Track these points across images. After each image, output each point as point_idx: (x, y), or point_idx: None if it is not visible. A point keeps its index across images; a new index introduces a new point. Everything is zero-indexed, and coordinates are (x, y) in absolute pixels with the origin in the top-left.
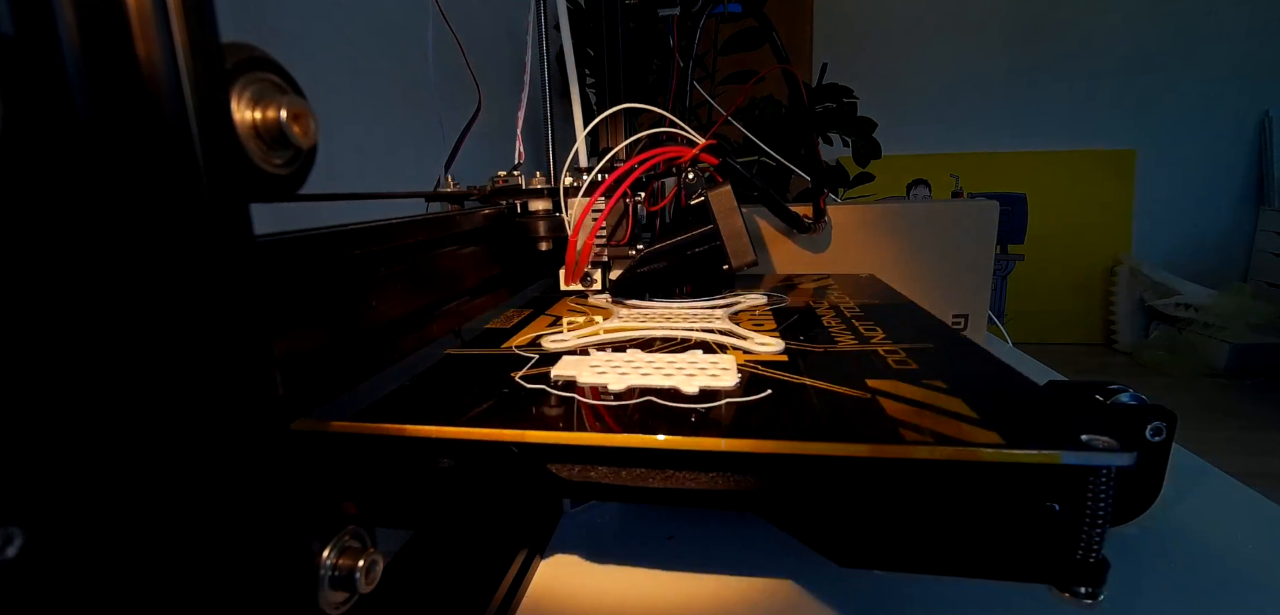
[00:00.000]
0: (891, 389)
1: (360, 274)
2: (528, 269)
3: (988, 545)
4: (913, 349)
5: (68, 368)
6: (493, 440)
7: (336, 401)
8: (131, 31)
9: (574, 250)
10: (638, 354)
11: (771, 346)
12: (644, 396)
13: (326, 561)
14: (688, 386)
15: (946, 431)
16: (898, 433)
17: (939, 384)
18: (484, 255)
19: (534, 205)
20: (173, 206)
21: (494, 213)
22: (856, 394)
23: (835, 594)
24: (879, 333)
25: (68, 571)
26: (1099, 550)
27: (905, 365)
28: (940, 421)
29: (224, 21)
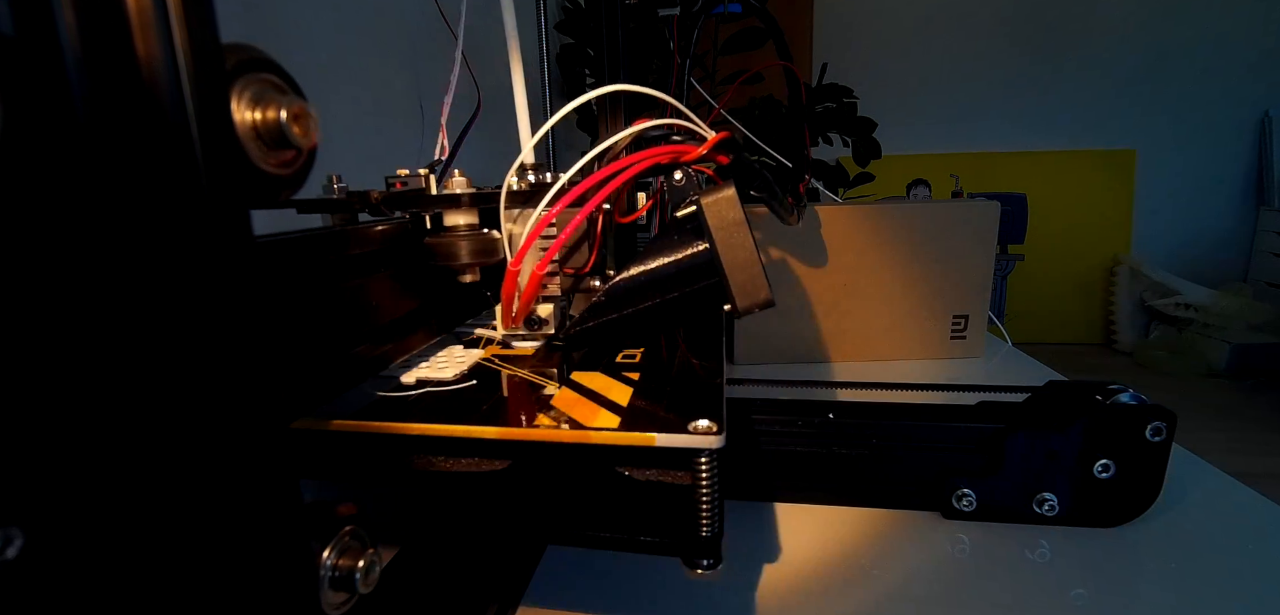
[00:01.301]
0: (586, 379)
1: None
2: (454, 304)
3: (621, 521)
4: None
5: (68, 368)
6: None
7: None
8: (131, 31)
9: (513, 283)
10: (456, 350)
11: (531, 344)
12: (419, 389)
13: (327, 562)
14: (408, 378)
15: (582, 418)
16: (533, 419)
17: (634, 376)
18: (390, 287)
19: (452, 219)
20: (172, 207)
21: (390, 229)
22: (547, 384)
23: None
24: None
25: (68, 571)
26: (716, 526)
27: (630, 360)
28: (587, 409)
29: (224, 21)
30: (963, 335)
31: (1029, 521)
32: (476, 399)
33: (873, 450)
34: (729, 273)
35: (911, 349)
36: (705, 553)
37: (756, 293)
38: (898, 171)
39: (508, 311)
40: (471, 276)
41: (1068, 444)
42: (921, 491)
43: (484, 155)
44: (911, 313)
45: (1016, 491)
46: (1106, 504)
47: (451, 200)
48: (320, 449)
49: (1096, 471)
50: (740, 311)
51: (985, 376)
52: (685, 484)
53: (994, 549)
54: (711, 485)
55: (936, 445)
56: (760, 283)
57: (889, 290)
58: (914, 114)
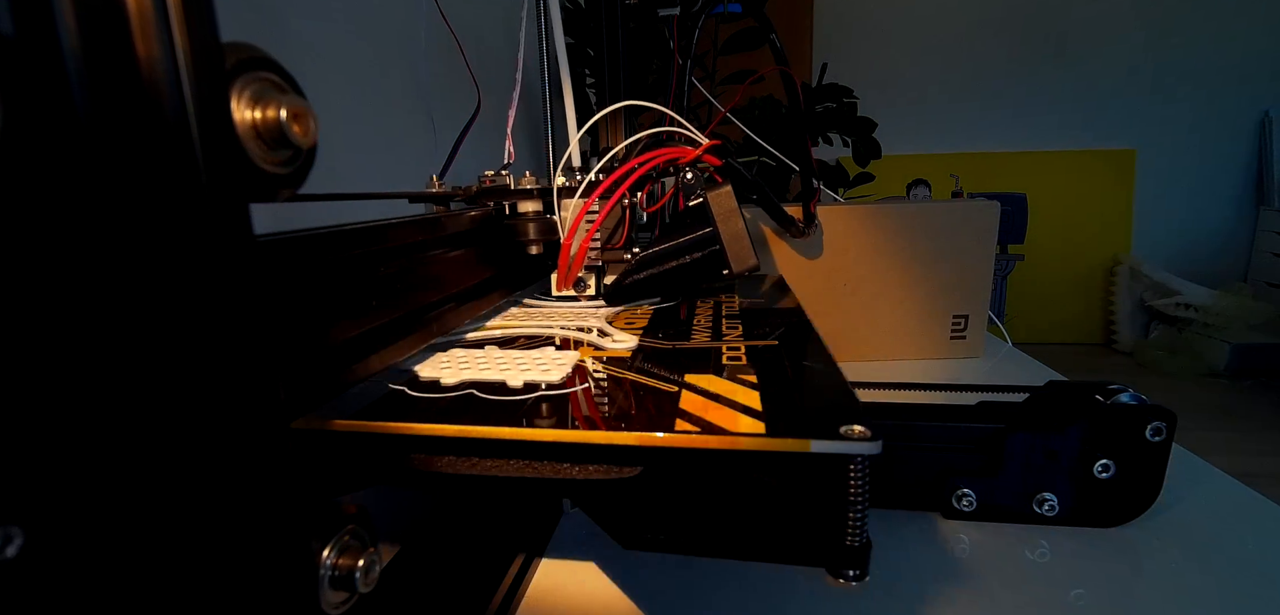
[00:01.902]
0: (702, 383)
1: (338, 279)
2: (519, 273)
3: (761, 529)
4: (758, 346)
5: (68, 368)
6: (362, 432)
7: (336, 402)
8: (131, 31)
9: (567, 254)
10: (494, 349)
11: (622, 344)
12: (469, 389)
13: (326, 561)
14: (514, 379)
15: (720, 422)
16: (671, 423)
17: (751, 378)
18: (472, 259)
19: (523, 206)
20: (173, 206)
21: (480, 214)
22: (667, 387)
23: (632, 575)
24: (738, 330)
25: (68, 571)
26: (862, 535)
27: (736, 360)
28: (722, 412)
29: (225, 21)
30: (963, 335)
31: (1029, 521)
32: (594, 402)
33: None
34: (726, 244)
35: (911, 349)
36: (852, 563)
37: (746, 259)
38: (898, 171)
39: (562, 275)
40: (537, 249)
41: (1068, 444)
42: (921, 491)
43: (491, 151)
44: (911, 313)
45: (1016, 491)
46: (1106, 504)
47: (526, 193)
48: (399, 457)
49: (1096, 471)
50: (734, 274)
51: (985, 376)
52: (822, 490)
53: (994, 549)
54: (863, 493)
55: (936, 445)
56: (749, 252)
57: (889, 290)
58: (914, 114)
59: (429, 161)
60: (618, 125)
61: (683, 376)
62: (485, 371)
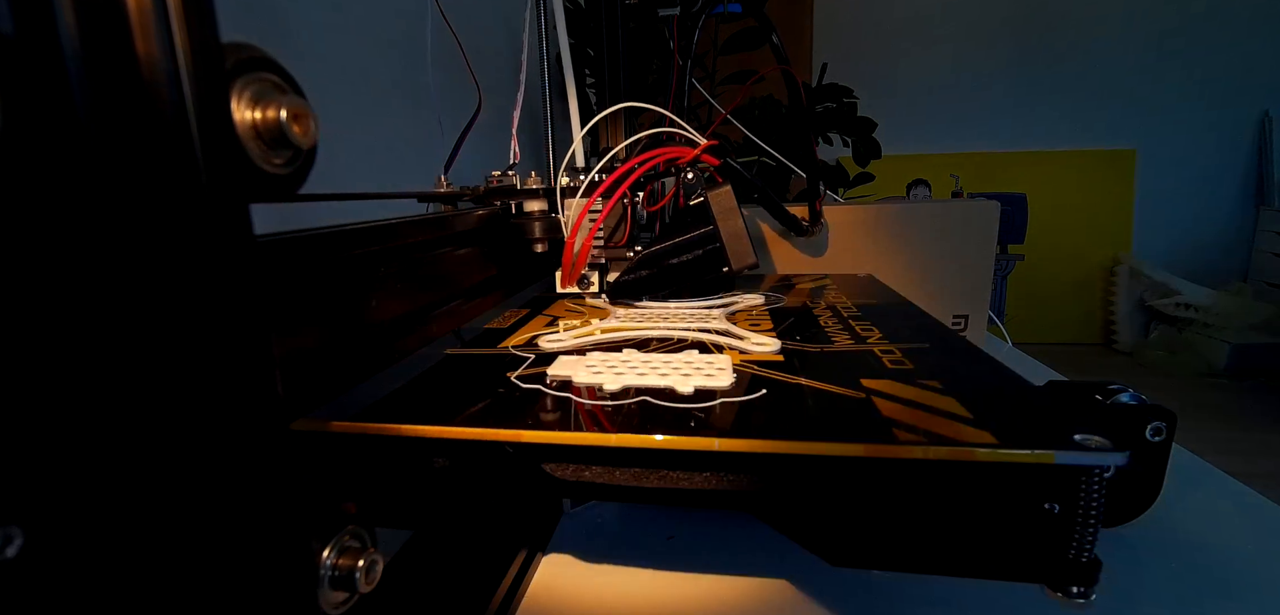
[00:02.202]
0: (886, 389)
1: (354, 274)
2: (524, 270)
3: (980, 545)
4: (909, 349)
5: (68, 368)
6: (488, 440)
7: (337, 401)
8: (131, 31)
9: (571, 252)
10: (634, 354)
11: (768, 346)
12: (639, 396)
13: (326, 561)
14: (683, 386)
15: (940, 431)
16: (891, 433)
17: (933, 384)
18: (479, 256)
19: (529, 206)
20: (173, 206)
21: (488, 213)
22: (851, 394)
23: (829, 594)
24: (876, 333)
25: (68, 571)
26: (1091, 550)
27: (901, 365)
28: (934, 421)
29: (225, 21)
30: (963, 335)
31: None
32: (780, 408)
33: None
34: (726, 242)
35: None
36: (1080, 578)
37: (744, 257)
38: (898, 171)
39: (566, 272)
40: (542, 247)
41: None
42: None
43: (485, 149)
44: None
45: None
46: (1107, 504)
47: (531, 193)
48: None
49: None
50: (734, 271)
51: None
52: (1052, 503)
53: None
54: (1098, 505)
55: None
56: (748, 250)
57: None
58: (914, 114)
59: (431, 161)
60: (618, 126)
61: (859, 381)
62: (643, 378)
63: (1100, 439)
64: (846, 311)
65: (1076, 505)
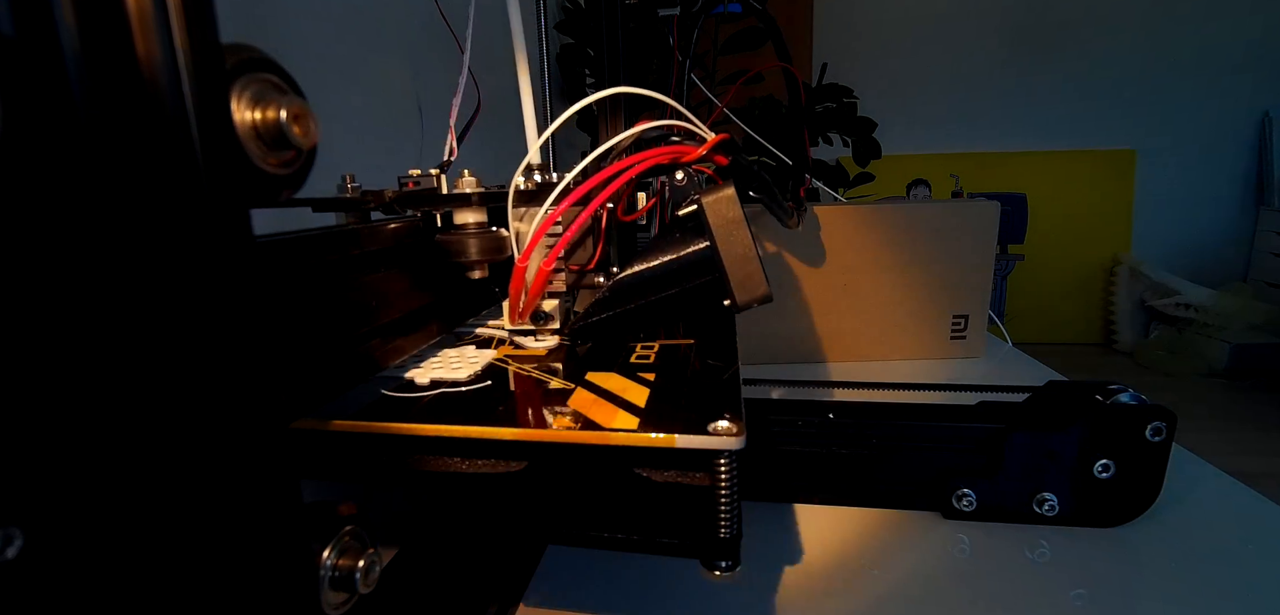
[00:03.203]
0: (601, 380)
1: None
2: (463, 300)
3: (641, 522)
4: (672, 344)
5: (68, 368)
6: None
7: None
8: (131, 31)
9: (521, 279)
10: (471, 349)
11: (543, 343)
12: (437, 390)
13: (326, 562)
14: (421, 378)
15: (596, 418)
16: (551, 419)
17: (649, 377)
18: (402, 283)
19: (461, 217)
20: (172, 206)
21: (402, 227)
22: (565, 385)
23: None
24: (662, 330)
25: (68, 571)
26: (734, 527)
27: (643, 360)
28: (604, 409)
29: (224, 21)
30: (963, 335)
31: (1029, 521)
32: (491, 400)
33: (873, 450)
34: (729, 269)
35: (911, 349)
36: (724, 554)
37: (755, 288)
38: (898, 171)
39: (515, 306)
40: (480, 273)
41: (1068, 444)
42: (921, 491)
43: (488, 155)
44: (911, 313)
45: (1016, 491)
46: (1106, 504)
47: (461, 199)
48: (326, 449)
49: (1096, 471)
50: (739, 306)
51: (985, 376)
52: (702, 485)
53: (994, 549)
54: (731, 486)
55: (936, 445)
56: (758, 278)
57: (889, 290)
58: (914, 114)
59: (411, 154)
60: (618, 126)
61: (584, 375)
62: (439, 371)
63: (727, 424)
64: None
65: (718, 485)
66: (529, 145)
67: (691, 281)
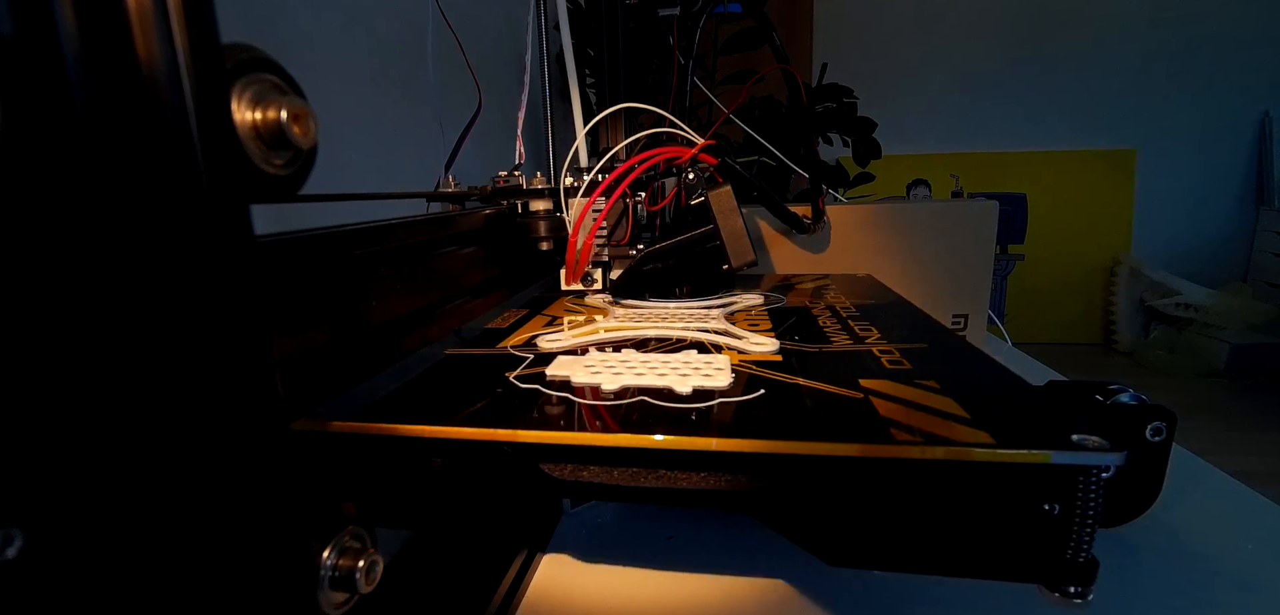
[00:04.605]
0: (884, 389)
1: (360, 274)
2: (528, 269)
3: (977, 545)
4: (907, 349)
5: (68, 368)
6: (485, 440)
7: (337, 401)
8: (131, 31)
9: (574, 250)
10: (633, 354)
11: (766, 346)
12: (637, 396)
13: (326, 562)
14: (681, 386)
15: (937, 431)
16: (888, 432)
17: (931, 384)
18: (484, 255)
19: (534, 205)
20: (172, 207)
21: (494, 213)
22: (849, 394)
23: (826, 594)
24: (874, 333)
25: (68, 571)
26: (1088, 550)
27: (899, 365)
28: (931, 421)
29: (224, 21)
30: (963, 335)
31: None
32: (787, 410)
33: None
34: (726, 241)
35: None
36: (1077, 578)
37: (744, 255)
38: (898, 171)
39: (571, 270)
40: (547, 245)
41: None
42: None
43: (490, 153)
44: None
45: None
46: (1106, 504)
47: (536, 192)
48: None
49: None
50: (734, 268)
51: None
52: (1050, 504)
53: None
54: (1095, 505)
55: None
56: (747, 248)
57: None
58: (914, 114)
59: (432, 161)
60: (618, 126)
61: (857, 381)
62: (641, 378)
63: (1098, 439)
64: (845, 311)
65: (1074, 505)
66: (580, 150)
67: (699, 249)
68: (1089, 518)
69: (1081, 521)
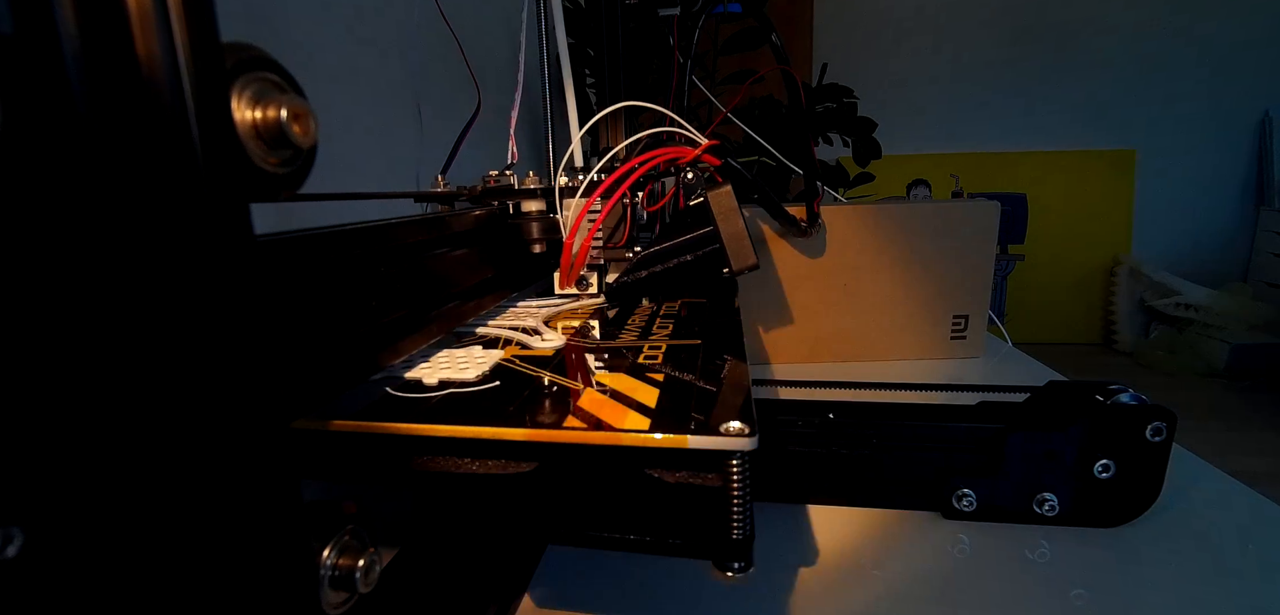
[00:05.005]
0: (609, 381)
1: (351, 276)
2: (522, 271)
3: (654, 524)
4: (680, 345)
5: (68, 368)
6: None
7: (336, 402)
8: (131, 31)
9: (569, 253)
10: (477, 349)
11: (549, 343)
12: (444, 390)
13: (326, 562)
14: (429, 378)
15: (608, 419)
16: (562, 419)
17: (658, 377)
18: (476, 258)
19: (527, 206)
20: (172, 206)
21: (485, 213)
22: (571, 384)
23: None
24: (669, 329)
25: (68, 571)
26: (747, 528)
27: (652, 360)
28: (616, 410)
29: (224, 21)
30: (963, 335)
31: (1029, 521)
32: (500, 400)
33: (873, 450)
34: (726, 243)
35: (911, 349)
36: (737, 555)
37: (745, 259)
38: (898, 171)
39: (565, 273)
40: (540, 248)
41: (1068, 444)
42: (921, 491)
43: (491, 154)
44: (911, 313)
45: (1016, 491)
46: (1106, 504)
47: (529, 193)
48: (330, 450)
49: (1096, 471)
50: (735, 272)
51: (985, 376)
52: (714, 486)
53: (994, 549)
54: (743, 487)
55: (936, 445)
56: (748, 252)
57: (889, 290)
58: (914, 114)
59: (414, 160)
60: (618, 126)
61: (593, 376)
62: (446, 371)
63: (739, 425)
64: (669, 309)
65: (731, 486)
66: (574, 150)
67: (699, 251)
68: (738, 497)
69: (739, 501)
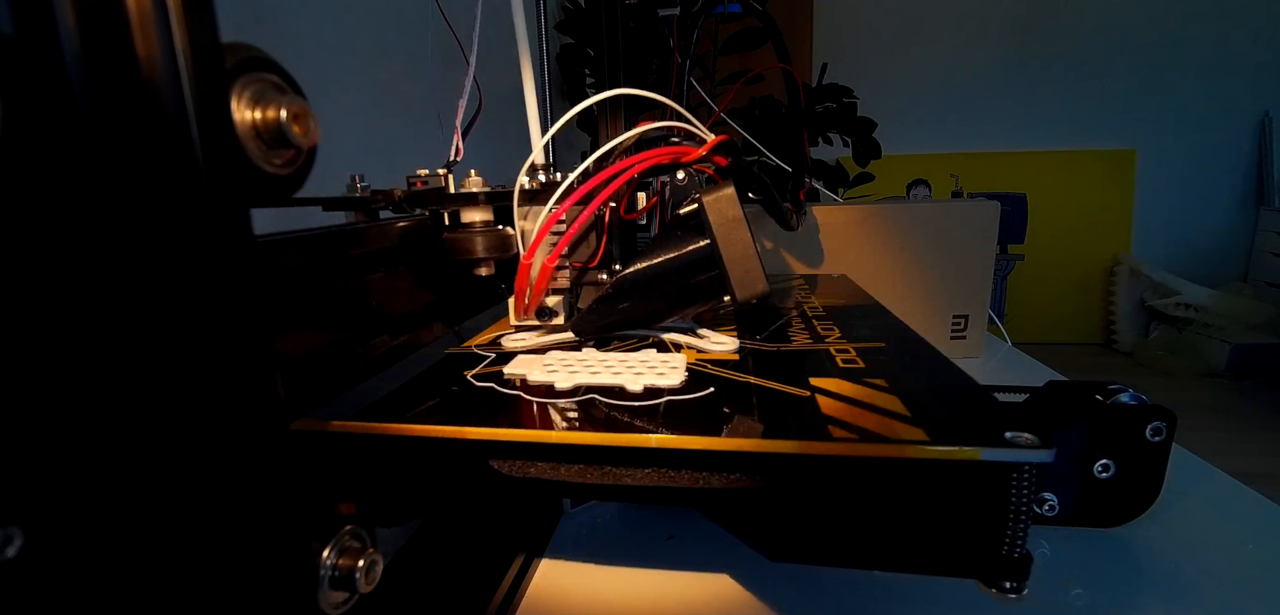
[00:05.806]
0: (832, 387)
1: None
2: (468, 298)
3: (914, 539)
4: (864, 348)
5: (68, 368)
6: (434, 437)
7: (336, 402)
8: (131, 31)
9: (527, 276)
10: (591, 353)
11: (726, 345)
12: (588, 394)
13: (326, 561)
14: (633, 384)
15: (874, 429)
16: (825, 430)
17: (880, 382)
18: (408, 281)
19: (468, 216)
20: (172, 206)
21: (410, 225)
22: (797, 392)
23: (820, 590)
24: (835, 332)
25: (68, 571)
26: (1022, 545)
27: (853, 364)
28: (871, 419)
29: (224, 21)
30: (963, 335)
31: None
32: (719, 407)
33: None
34: (729, 266)
35: None
36: (1012, 573)
37: (754, 284)
38: (898, 171)
39: (521, 302)
40: (487, 270)
41: (1068, 444)
42: None
43: (492, 155)
44: (911, 313)
45: None
46: (1106, 504)
47: (468, 198)
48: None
49: (1096, 471)
50: (740, 303)
51: (985, 376)
52: (978, 496)
53: None
54: (1027, 501)
55: None
56: (758, 275)
57: (889, 290)
58: (914, 114)
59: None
60: (618, 126)
61: (807, 380)
62: (596, 376)
63: (1030, 436)
64: (812, 311)
65: (1007, 501)
66: (533, 146)
67: (692, 278)
68: (1021, 513)
69: (1015, 517)
